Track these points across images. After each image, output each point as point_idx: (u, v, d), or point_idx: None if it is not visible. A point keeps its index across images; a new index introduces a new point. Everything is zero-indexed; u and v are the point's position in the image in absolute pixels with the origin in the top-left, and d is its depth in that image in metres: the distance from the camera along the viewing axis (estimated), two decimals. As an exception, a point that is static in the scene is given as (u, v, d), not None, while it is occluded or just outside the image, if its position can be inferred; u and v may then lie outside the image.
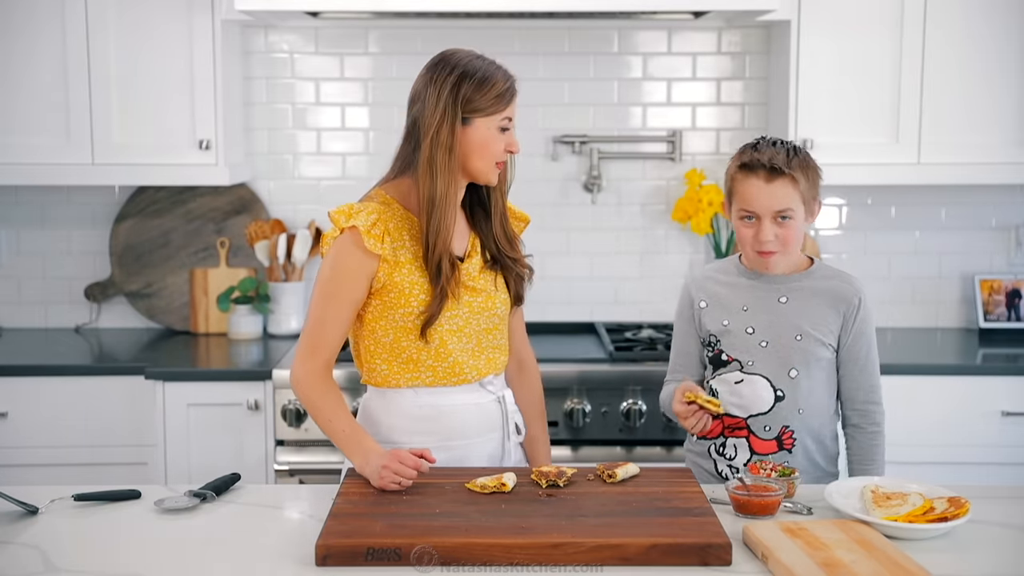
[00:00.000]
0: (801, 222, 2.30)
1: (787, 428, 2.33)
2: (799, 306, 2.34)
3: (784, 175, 2.25)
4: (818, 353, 2.32)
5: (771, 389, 2.33)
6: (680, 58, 3.78)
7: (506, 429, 2.33)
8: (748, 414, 2.35)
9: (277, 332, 3.71)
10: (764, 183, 2.27)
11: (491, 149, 2.19)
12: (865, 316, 2.35)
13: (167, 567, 1.82)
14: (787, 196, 2.27)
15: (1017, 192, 3.80)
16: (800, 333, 2.32)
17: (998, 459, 3.28)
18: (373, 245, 2.16)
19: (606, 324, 3.75)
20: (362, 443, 2.13)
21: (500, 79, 2.20)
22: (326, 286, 2.20)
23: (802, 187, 2.27)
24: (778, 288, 2.36)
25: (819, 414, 2.35)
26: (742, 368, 2.35)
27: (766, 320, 2.34)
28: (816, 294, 2.34)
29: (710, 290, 2.42)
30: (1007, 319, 3.76)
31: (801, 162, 2.28)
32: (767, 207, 2.27)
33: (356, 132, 3.81)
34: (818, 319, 2.33)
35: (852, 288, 2.35)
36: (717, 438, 2.39)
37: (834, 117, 3.44)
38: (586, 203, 3.81)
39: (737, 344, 2.35)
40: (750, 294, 2.37)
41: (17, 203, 3.81)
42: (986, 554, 1.89)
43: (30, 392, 3.27)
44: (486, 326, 2.27)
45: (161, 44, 3.41)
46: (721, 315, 2.38)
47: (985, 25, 3.41)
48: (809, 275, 2.37)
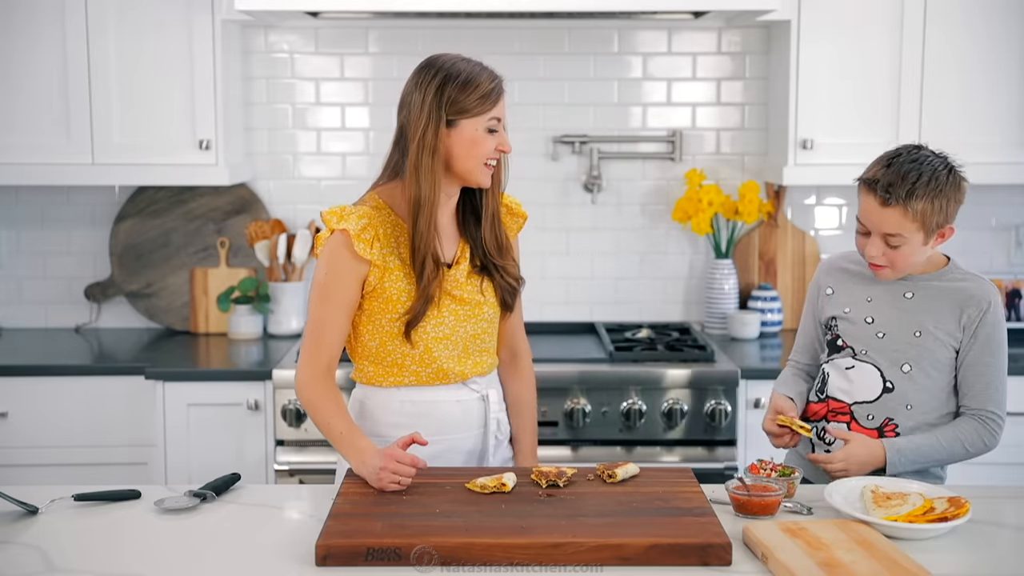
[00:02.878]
0: (916, 247, 2.25)
1: (891, 420, 2.30)
2: (924, 304, 2.31)
3: (898, 205, 2.21)
4: (936, 353, 2.29)
5: (880, 379, 2.31)
6: (680, 58, 3.78)
7: (488, 427, 2.33)
8: (853, 400, 2.34)
9: (277, 332, 3.71)
10: (878, 205, 2.24)
11: (478, 150, 2.20)
12: (992, 322, 2.29)
13: (167, 567, 1.82)
14: (898, 224, 2.22)
15: (1017, 192, 3.80)
16: (920, 330, 2.30)
17: (998, 459, 3.26)
18: (362, 250, 2.19)
19: (606, 324, 3.75)
20: (357, 444, 2.13)
21: (484, 80, 2.20)
22: (321, 289, 2.23)
23: (920, 218, 2.21)
24: (906, 284, 2.34)
25: (928, 414, 2.31)
26: (855, 355, 2.34)
27: (888, 313, 2.32)
28: (943, 294, 2.31)
29: (839, 277, 2.42)
30: (1007, 319, 3.76)
31: (927, 193, 2.20)
32: (877, 227, 2.26)
33: (356, 132, 3.81)
34: (942, 317, 2.30)
35: (983, 291, 2.30)
36: (819, 421, 2.38)
37: (834, 117, 3.45)
38: (586, 203, 3.82)
39: (853, 331, 2.35)
40: (877, 286, 2.35)
41: (17, 203, 3.81)
42: (986, 554, 1.89)
43: (30, 392, 3.27)
44: (474, 332, 2.29)
45: (161, 44, 3.41)
46: (844, 302, 2.38)
47: (985, 25, 3.41)
48: (940, 275, 2.34)
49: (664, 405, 3.20)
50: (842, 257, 2.47)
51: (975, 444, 2.30)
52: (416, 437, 2.09)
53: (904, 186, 2.21)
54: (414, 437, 2.09)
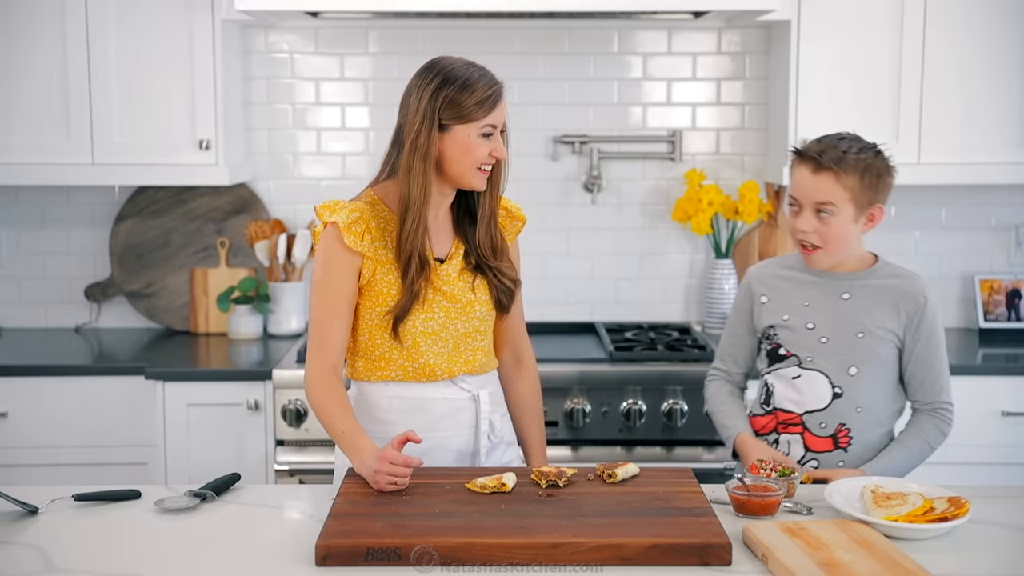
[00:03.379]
0: (846, 222, 2.27)
1: (844, 426, 2.31)
2: (862, 303, 2.32)
3: (829, 171, 2.24)
4: (880, 352, 2.31)
5: (829, 386, 2.32)
6: (680, 58, 3.78)
7: (479, 426, 2.32)
8: (804, 410, 2.34)
9: (277, 332, 3.71)
10: (809, 173, 2.27)
11: (471, 155, 2.20)
12: (930, 316, 2.32)
13: (167, 567, 1.82)
14: (830, 191, 2.25)
15: (1017, 192, 3.80)
16: (862, 331, 2.31)
17: (998, 459, 3.28)
18: (352, 242, 2.20)
19: (606, 324, 3.75)
20: (357, 444, 2.13)
21: (482, 86, 2.19)
22: (319, 285, 2.24)
23: (851, 186, 2.24)
24: (841, 284, 2.34)
25: (877, 413, 2.33)
26: (800, 363, 2.34)
27: (827, 316, 2.32)
28: (880, 292, 2.33)
29: (772, 284, 2.41)
30: (1007, 319, 3.76)
31: (859, 163, 2.25)
32: (808, 196, 2.27)
33: (356, 132, 3.81)
34: (881, 317, 2.31)
35: (917, 288, 2.33)
36: (769, 434, 2.38)
37: (834, 117, 3.44)
38: (586, 203, 3.81)
39: (796, 339, 2.34)
40: (812, 290, 2.36)
41: (17, 203, 3.81)
42: (986, 554, 1.89)
43: (30, 392, 3.27)
44: (464, 330, 2.28)
45: (161, 44, 3.41)
46: (781, 309, 2.37)
47: (985, 25, 3.40)
48: (873, 272, 2.35)
49: (664, 405, 3.20)
50: (773, 263, 2.47)
51: (937, 440, 2.35)
52: (410, 435, 2.08)
53: (835, 152, 2.25)
54: (408, 435, 2.08)
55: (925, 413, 2.35)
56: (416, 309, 2.23)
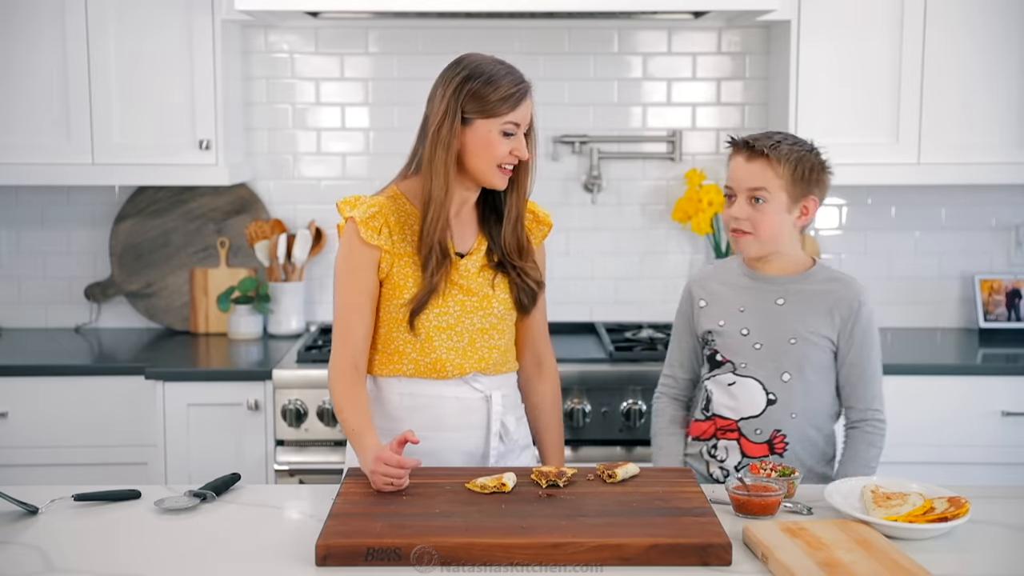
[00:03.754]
0: (779, 211, 2.29)
1: (779, 432, 2.32)
2: (796, 309, 2.32)
3: (763, 156, 2.27)
4: (813, 357, 2.31)
5: (763, 392, 2.32)
6: (680, 58, 3.78)
7: (490, 428, 2.32)
8: (740, 416, 2.34)
9: (277, 332, 3.71)
10: (744, 160, 2.30)
11: (491, 152, 2.20)
12: (866, 321, 2.32)
13: (167, 567, 1.82)
14: (762, 176, 2.27)
15: (1017, 192, 3.80)
16: (795, 336, 2.31)
17: (998, 459, 3.28)
18: (369, 236, 2.22)
19: (606, 324, 3.75)
20: (363, 441, 2.14)
21: (506, 82, 2.20)
22: (339, 280, 2.27)
23: (784, 175, 2.26)
24: (776, 290, 2.35)
25: (813, 418, 2.34)
26: (735, 370, 2.34)
27: (761, 322, 2.33)
28: (815, 297, 2.33)
29: (710, 289, 2.42)
30: (1007, 319, 3.76)
31: (792, 152, 2.27)
32: (742, 183, 2.29)
33: (356, 132, 3.81)
34: (815, 323, 2.31)
35: (852, 292, 2.33)
36: (709, 439, 2.39)
37: (834, 117, 3.44)
38: (586, 203, 3.81)
39: (731, 345, 2.35)
40: (748, 295, 2.36)
41: (17, 203, 3.81)
42: (986, 554, 1.89)
43: (30, 392, 3.27)
44: (481, 326, 2.28)
45: (161, 44, 3.41)
46: (718, 315, 2.38)
47: (985, 25, 3.40)
48: (808, 277, 2.35)
49: (664, 405, 3.20)
50: (713, 268, 2.49)
51: (875, 458, 2.35)
52: (408, 436, 2.07)
53: (769, 140, 2.28)
54: (406, 435, 2.07)
55: (858, 431, 2.35)
56: (433, 302, 2.23)
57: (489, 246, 2.31)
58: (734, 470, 2.34)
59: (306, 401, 3.19)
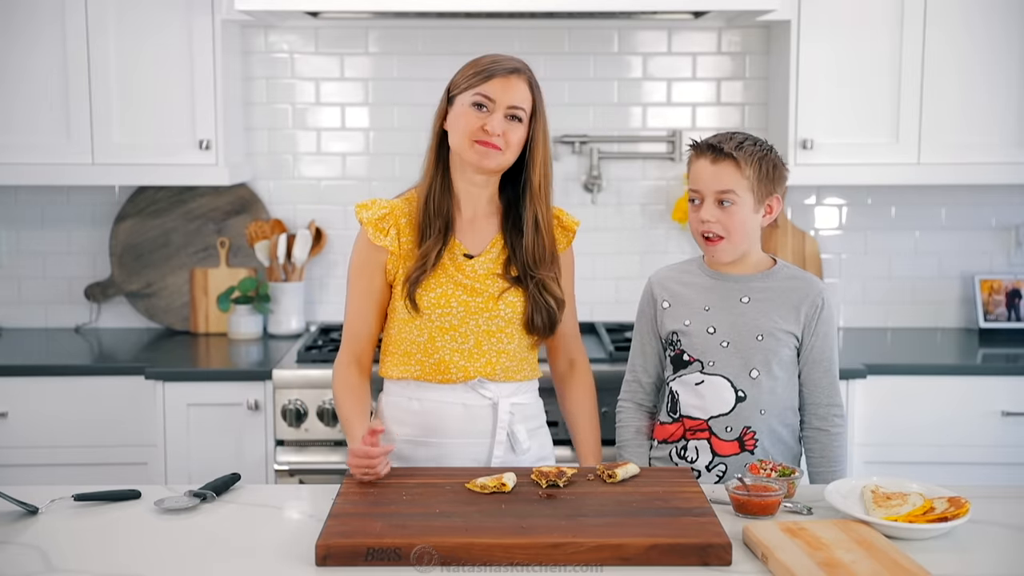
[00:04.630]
0: (747, 212, 2.29)
1: (749, 429, 2.32)
2: (761, 306, 2.33)
3: (729, 158, 2.27)
4: (780, 353, 2.32)
5: (732, 390, 2.32)
6: (680, 58, 3.78)
7: (495, 436, 2.31)
8: (709, 415, 2.34)
9: (277, 332, 3.71)
10: (709, 163, 2.29)
11: (461, 123, 2.23)
12: (827, 317, 2.34)
13: (167, 567, 1.82)
14: (729, 179, 2.27)
15: (1017, 192, 3.80)
16: (762, 333, 2.31)
17: (998, 459, 3.28)
18: (376, 237, 2.26)
19: (606, 324, 3.75)
20: (351, 432, 2.20)
21: (485, 60, 2.25)
22: (349, 280, 2.33)
23: (749, 175, 2.27)
24: (740, 288, 2.35)
25: (781, 413, 2.34)
26: (703, 368, 2.34)
27: (728, 320, 2.33)
28: (778, 294, 2.34)
29: (672, 289, 2.41)
30: (1007, 319, 3.76)
31: (755, 152, 2.28)
32: (709, 187, 2.29)
33: (356, 132, 3.81)
34: (780, 319, 2.32)
35: (815, 289, 2.35)
36: (678, 441, 2.38)
37: (834, 117, 3.44)
38: (586, 203, 3.81)
39: (698, 344, 2.34)
40: (712, 294, 2.36)
41: (17, 203, 3.81)
42: (986, 554, 1.89)
43: (30, 392, 3.27)
44: (487, 328, 2.28)
45: (161, 44, 3.41)
46: (683, 315, 2.37)
47: (985, 25, 3.40)
48: (771, 275, 2.36)
49: (664, 405, 3.20)
50: (673, 269, 2.48)
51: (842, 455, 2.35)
52: (373, 425, 2.07)
53: (732, 142, 2.29)
54: (372, 426, 2.08)
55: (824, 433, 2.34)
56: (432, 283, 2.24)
57: (509, 257, 2.30)
58: (705, 470, 2.34)
59: (306, 401, 3.20)
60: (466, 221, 2.30)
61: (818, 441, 2.36)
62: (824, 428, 2.36)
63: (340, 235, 3.82)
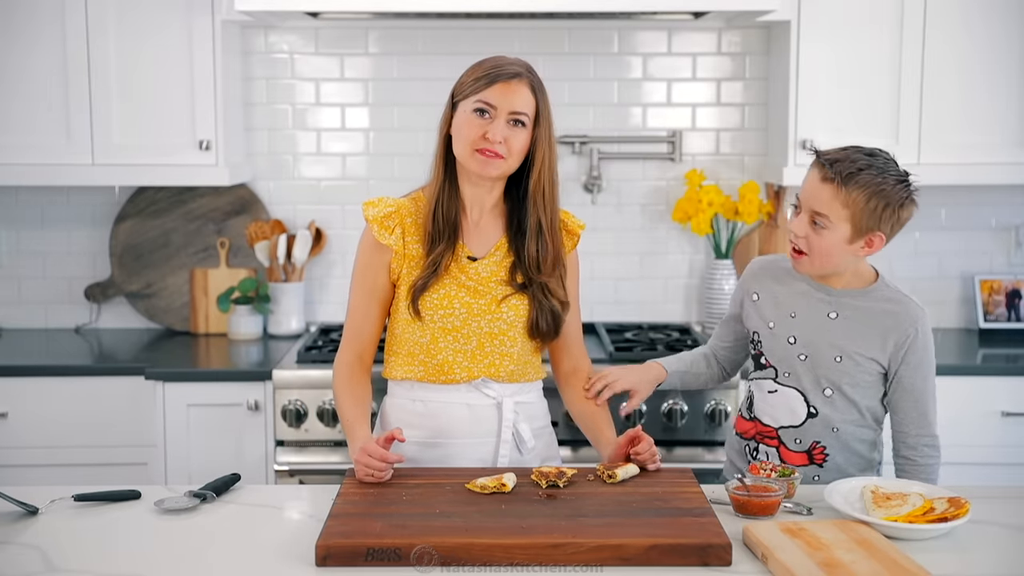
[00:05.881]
0: (838, 240, 2.17)
1: (818, 443, 2.26)
2: (847, 326, 2.23)
3: (835, 183, 2.14)
4: (858, 378, 2.23)
5: (805, 404, 2.26)
6: (680, 58, 3.78)
7: (500, 435, 2.31)
8: (779, 425, 2.29)
9: (277, 332, 3.71)
10: (818, 178, 2.18)
11: (464, 131, 2.22)
12: (921, 347, 2.22)
13: (167, 567, 1.82)
14: (828, 203, 2.15)
15: (1017, 192, 3.80)
16: (841, 354, 2.22)
17: (998, 459, 3.28)
18: (380, 236, 2.26)
19: (606, 324, 3.75)
20: (354, 433, 2.18)
21: (487, 64, 2.24)
22: (352, 278, 2.32)
23: (852, 206, 2.13)
24: (831, 302, 2.25)
25: (856, 431, 2.27)
26: (776, 377, 2.27)
27: (810, 333, 2.24)
28: (870, 316, 2.23)
29: (767, 284, 2.33)
30: (1007, 319, 3.76)
31: (870, 185, 2.12)
32: (808, 201, 2.19)
33: (356, 132, 3.81)
34: (865, 343, 2.22)
35: (909, 317, 2.22)
36: (751, 440, 2.34)
37: (834, 117, 3.44)
38: (586, 203, 3.81)
39: (776, 350, 2.27)
40: (802, 301, 2.27)
41: (17, 203, 3.81)
42: (986, 554, 1.89)
43: (30, 392, 3.27)
44: (489, 330, 2.27)
45: (161, 44, 3.41)
46: (769, 315, 2.30)
47: (985, 25, 3.41)
48: (867, 294, 2.25)
49: (664, 405, 3.20)
50: (771, 261, 2.39)
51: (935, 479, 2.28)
52: (395, 433, 2.10)
53: (848, 167, 2.14)
54: (393, 433, 2.10)
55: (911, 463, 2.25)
56: (437, 286, 2.23)
57: (514, 262, 2.29)
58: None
59: (306, 401, 3.20)
60: (471, 223, 2.30)
61: (905, 471, 2.26)
62: (912, 458, 2.26)
63: (340, 235, 3.82)
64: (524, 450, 2.33)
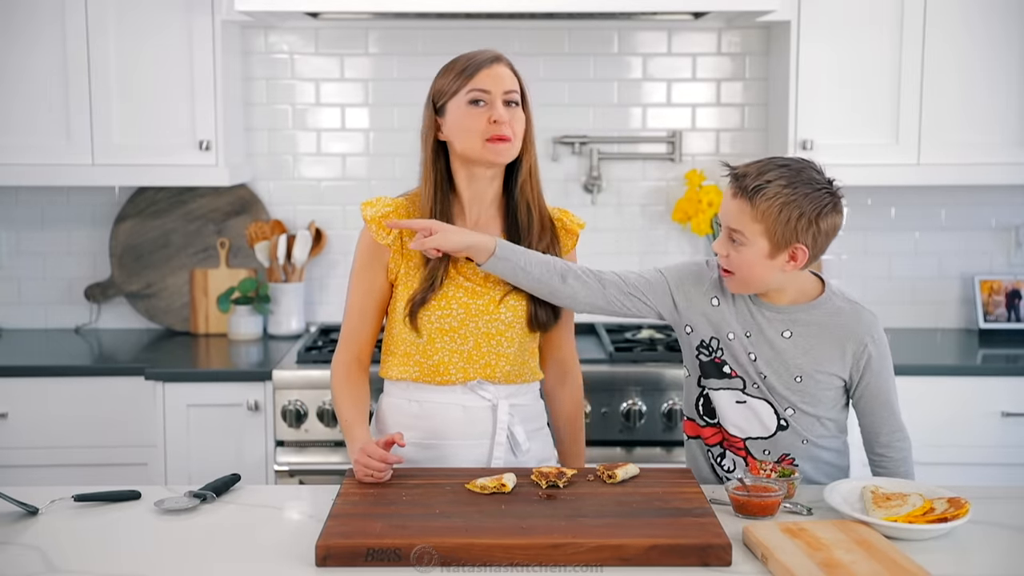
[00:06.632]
0: (757, 255, 2.09)
1: (787, 455, 2.23)
2: (802, 344, 2.17)
3: (745, 198, 2.07)
4: (820, 395, 2.19)
5: (775, 416, 2.20)
6: (680, 59, 3.78)
7: (495, 437, 2.30)
8: (746, 436, 2.24)
9: (277, 333, 3.71)
10: (730, 195, 2.11)
11: (468, 126, 2.20)
12: (881, 353, 2.19)
13: (167, 567, 1.82)
14: (739, 219, 2.08)
15: (1017, 192, 3.81)
16: (800, 375, 2.17)
17: (998, 459, 3.28)
18: (378, 235, 2.25)
19: (606, 324, 3.75)
20: (352, 433, 2.18)
21: (462, 59, 2.23)
22: (351, 276, 2.32)
23: (764, 220, 2.06)
24: (782, 320, 2.17)
25: (825, 440, 2.23)
26: (744, 388, 2.21)
27: (767, 354, 2.18)
28: (823, 330, 2.16)
29: (727, 294, 2.23)
30: (1007, 319, 3.76)
31: (778, 196, 2.04)
32: (724, 219, 2.13)
33: (356, 132, 3.81)
34: (823, 359, 2.17)
35: (863, 324, 2.17)
36: (714, 447, 2.29)
37: (834, 118, 3.45)
38: (586, 203, 3.81)
39: (739, 362, 2.20)
40: (753, 321, 2.19)
41: (17, 203, 3.81)
42: (986, 554, 1.89)
43: (30, 392, 3.27)
44: (486, 330, 2.26)
45: (161, 45, 3.41)
46: (728, 326, 2.21)
47: (985, 25, 3.41)
48: (816, 306, 2.18)
49: (664, 405, 3.20)
50: None
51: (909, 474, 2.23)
52: (395, 437, 2.09)
53: (755, 181, 2.05)
54: (393, 437, 2.10)
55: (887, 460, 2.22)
56: (434, 298, 2.23)
57: None
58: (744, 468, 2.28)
59: (306, 402, 3.20)
60: (470, 224, 2.29)
61: (882, 467, 2.23)
62: (886, 454, 2.23)
63: (340, 236, 3.82)
64: (519, 452, 2.31)
